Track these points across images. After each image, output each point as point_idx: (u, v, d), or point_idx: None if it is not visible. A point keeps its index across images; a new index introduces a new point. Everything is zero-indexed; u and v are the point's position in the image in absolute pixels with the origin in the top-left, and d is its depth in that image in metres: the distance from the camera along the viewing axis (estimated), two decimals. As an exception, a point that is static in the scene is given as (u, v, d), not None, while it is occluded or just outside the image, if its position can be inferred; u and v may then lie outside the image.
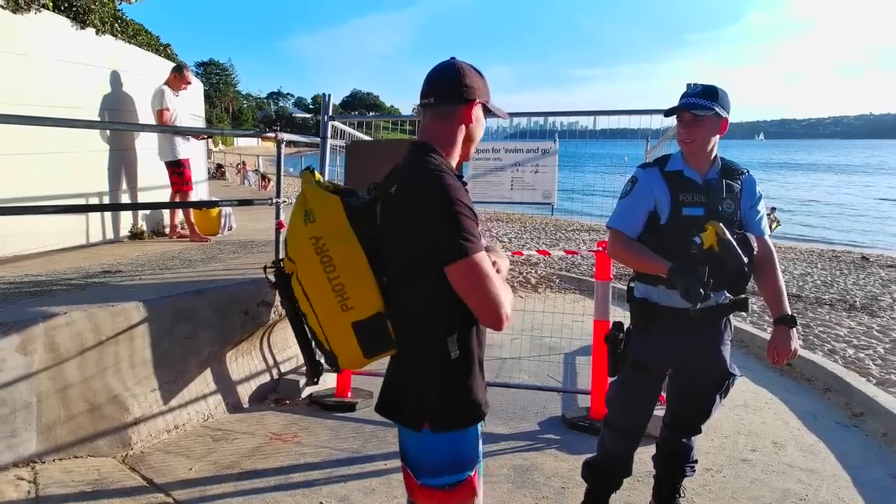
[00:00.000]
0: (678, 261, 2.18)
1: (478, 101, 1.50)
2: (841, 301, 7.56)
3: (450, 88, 1.47)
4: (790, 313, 2.34)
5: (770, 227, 2.72)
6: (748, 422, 3.81)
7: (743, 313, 2.51)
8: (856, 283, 8.97)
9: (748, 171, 2.43)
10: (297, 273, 1.43)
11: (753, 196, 2.39)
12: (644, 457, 2.79)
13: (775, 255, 2.42)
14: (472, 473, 1.45)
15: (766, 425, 3.79)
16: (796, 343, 2.33)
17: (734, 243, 2.13)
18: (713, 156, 2.37)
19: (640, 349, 2.45)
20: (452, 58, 1.54)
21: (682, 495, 2.70)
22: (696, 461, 2.66)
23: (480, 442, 1.51)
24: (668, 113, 2.39)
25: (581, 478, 2.71)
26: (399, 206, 1.38)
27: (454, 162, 1.52)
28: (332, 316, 1.40)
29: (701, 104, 2.26)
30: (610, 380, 2.64)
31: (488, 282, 1.32)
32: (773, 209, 19.34)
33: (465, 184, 1.51)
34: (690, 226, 2.23)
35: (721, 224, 2.15)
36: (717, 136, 2.34)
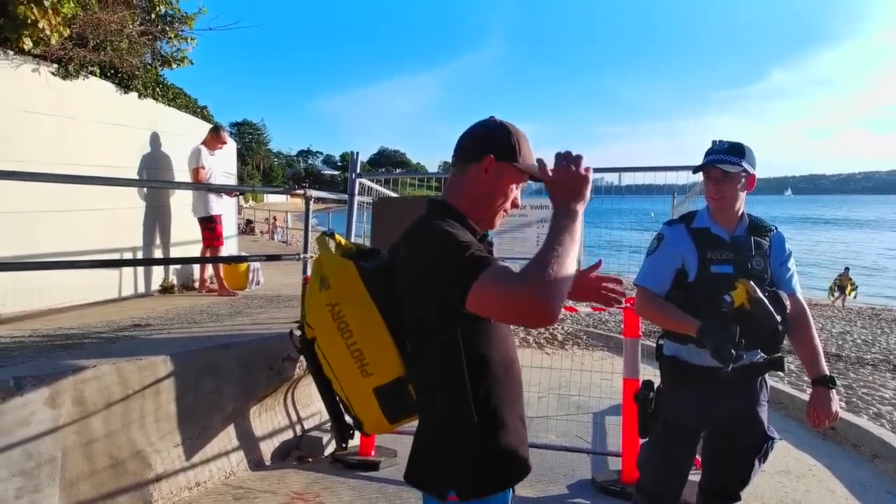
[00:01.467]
0: (708, 320, 2.13)
1: (491, 157, 1.40)
2: (884, 361, 7.25)
3: (466, 145, 1.46)
4: (828, 373, 2.26)
5: (845, 292, 2.66)
6: (791, 490, 3.60)
7: (780, 373, 2.42)
8: (898, 342, 8.61)
9: (777, 228, 2.40)
10: (317, 339, 1.42)
11: (783, 253, 2.35)
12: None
13: (809, 312, 2.36)
14: None
15: (812, 494, 3.57)
16: (836, 405, 2.24)
17: (765, 301, 2.08)
18: (741, 213, 2.36)
19: (672, 409, 2.37)
20: (491, 116, 1.50)
21: None
22: None
23: None
24: (696, 170, 2.38)
25: None
26: (405, 265, 1.35)
27: (478, 223, 1.45)
28: (352, 381, 1.37)
29: (730, 160, 2.26)
30: (641, 441, 2.54)
31: (509, 285, 1.15)
32: (847, 269, 18.54)
33: (486, 239, 1.48)
34: (719, 283, 2.19)
35: (751, 282, 2.10)
36: (745, 193, 2.33)
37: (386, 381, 1.35)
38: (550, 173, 1.32)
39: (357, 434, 4.07)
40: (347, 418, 1.50)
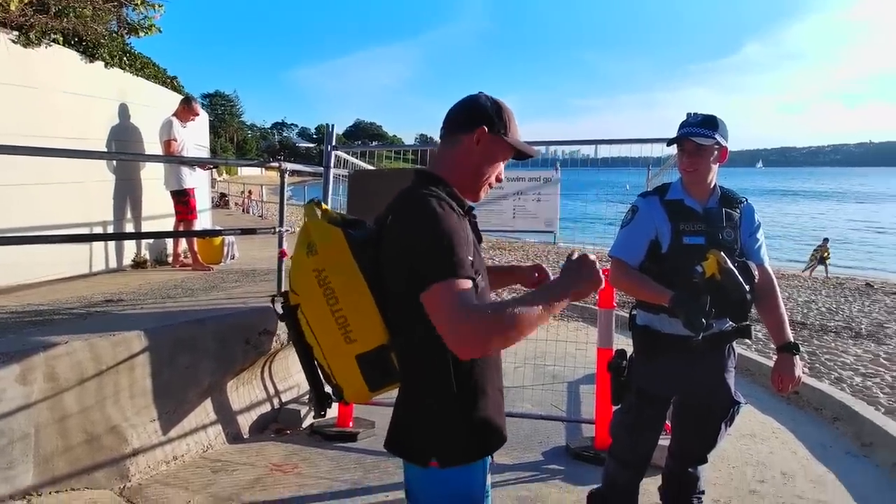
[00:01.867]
0: (680, 290, 2.19)
1: (484, 128, 1.44)
2: (846, 328, 7.50)
3: (457, 116, 1.49)
4: (793, 340, 2.34)
5: (824, 262, 2.73)
6: (756, 452, 3.74)
7: (747, 340, 2.51)
8: (861, 310, 8.91)
9: (747, 200, 2.46)
10: (301, 305, 1.42)
11: (753, 224, 2.41)
12: (650, 487, 2.75)
13: (776, 282, 2.43)
14: None
15: (775, 455, 3.72)
16: (800, 370, 2.32)
17: (735, 272, 2.13)
18: (713, 185, 2.40)
19: (644, 377, 2.44)
20: (480, 92, 1.53)
21: None
22: (702, 491, 2.61)
23: (489, 476, 1.47)
24: (670, 142, 2.42)
25: None
26: (391, 235, 1.36)
27: (464, 194, 1.49)
28: (335, 348, 1.38)
29: (703, 133, 2.29)
30: (614, 409, 2.61)
31: (445, 315, 1.21)
32: (826, 240, 18.68)
33: (471, 211, 1.50)
34: (692, 255, 2.24)
35: (722, 253, 2.15)
36: (717, 165, 2.36)
37: (369, 349, 1.35)
38: (576, 257, 1.36)
39: (335, 406, 4.11)
40: (327, 388, 1.51)
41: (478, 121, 1.45)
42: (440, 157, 1.50)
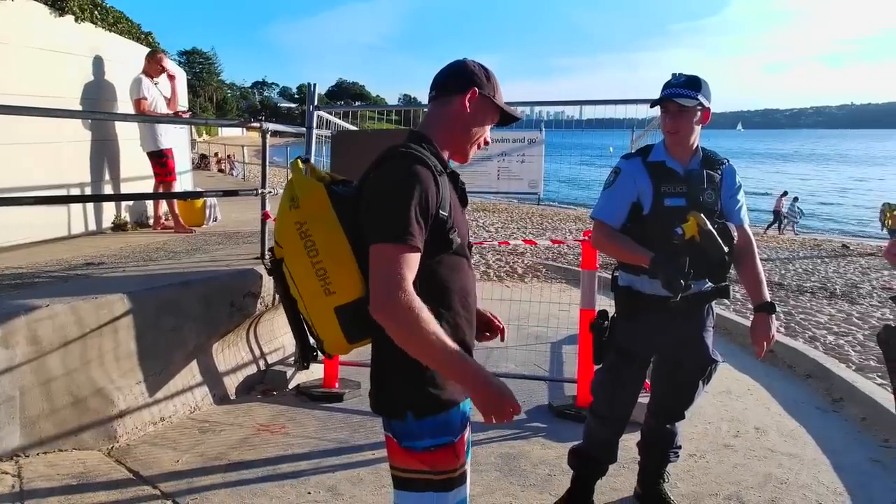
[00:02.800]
0: (660, 252, 2.22)
1: (476, 89, 1.49)
2: (822, 289, 7.68)
3: (448, 79, 1.54)
4: (769, 300, 2.39)
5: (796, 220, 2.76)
6: (731, 408, 3.87)
7: (725, 300, 2.57)
8: (836, 271, 9.12)
9: (728, 161, 2.47)
10: (285, 258, 1.46)
11: (734, 185, 2.44)
12: (629, 443, 2.83)
13: (754, 243, 2.47)
14: (456, 440, 1.46)
15: (749, 411, 3.85)
16: (774, 330, 2.38)
17: (715, 233, 2.17)
18: (695, 146, 2.40)
19: (625, 337, 2.49)
20: (464, 58, 1.58)
21: (667, 480, 2.75)
22: (679, 447, 2.71)
23: (469, 413, 1.52)
24: (653, 103, 2.42)
25: (567, 465, 2.74)
26: (370, 189, 1.40)
27: (447, 153, 1.54)
28: (315, 300, 1.41)
29: (686, 94, 2.28)
30: (595, 367, 2.67)
31: (391, 271, 1.29)
32: (796, 199, 19.14)
33: (452, 174, 1.52)
34: (672, 216, 2.26)
35: (702, 214, 2.18)
36: (700, 127, 2.37)
37: (347, 301, 1.38)
38: (488, 400, 1.39)
39: (321, 367, 4.14)
40: (312, 341, 1.54)
41: (470, 82, 1.50)
42: (430, 118, 1.54)
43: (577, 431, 3.42)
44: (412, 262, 1.32)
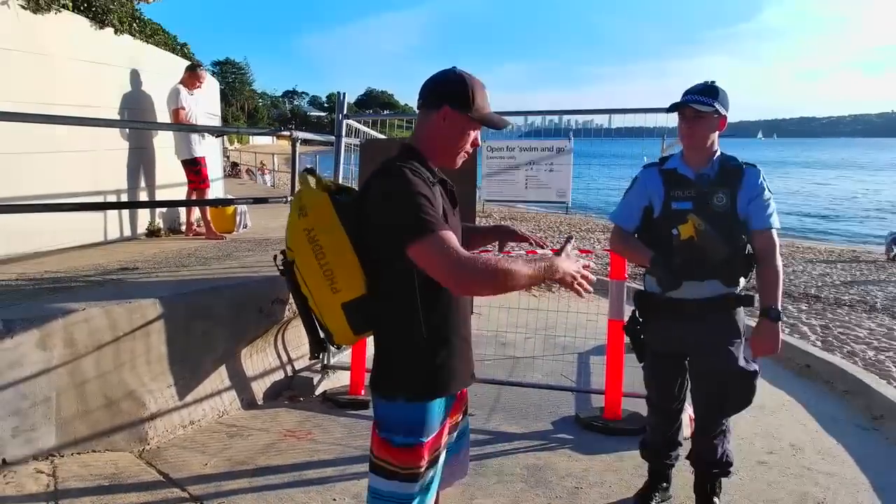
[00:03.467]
0: (657, 252, 2.41)
1: (447, 108, 1.57)
2: (861, 302, 7.44)
3: (427, 93, 1.63)
4: (773, 306, 2.37)
5: None
6: (765, 424, 3.76)
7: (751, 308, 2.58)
8: (876, 284, 8.82)
9: (752, 165, 2.48)
10: (296, 260, 1.60)
11: (754, 189, 2.42)
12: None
13: (777, 249, 2.44)
14: (425, 441, 1.57)
15: (784, 428, 3.74)
16: (775, 338, 2.37)
17: (713, 234, 2.29)
18: (712, 153, 2.46)
19: (647, 334, 2.64)
20: (453, 67, 1.65)
21: (717, 495, 2.70)
22: (725, 462, 2.64)
23: (444, 416, 1.63)
24: (669, 109, 2.50)
25: (593, 478, 2.77)
26: (370, 199, 1.53)
27: (435, 163, 1.64)
28: (324, 297, 1.56)
29: (702, 101, 2.36)
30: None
31: (443, 252, 1.41)
32: None
33: (446, 184, 1.65)
34: (679, 219, 2.40)
35: (696, 216, 2.31)
36: (717, 133, 2.43)
37: (352, 298, 1.54)
38: (570, 251, 1.62)
39: (347, 374, 4.17)
40: (322, 333, 1.69)
41: (443, 99, 1.59)
42: (417, 131, 1.67)
43: (604, 443, 3.38)
44: (449, 238, 1.43)
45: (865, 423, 3.85)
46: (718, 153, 2.47)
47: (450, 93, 1.59)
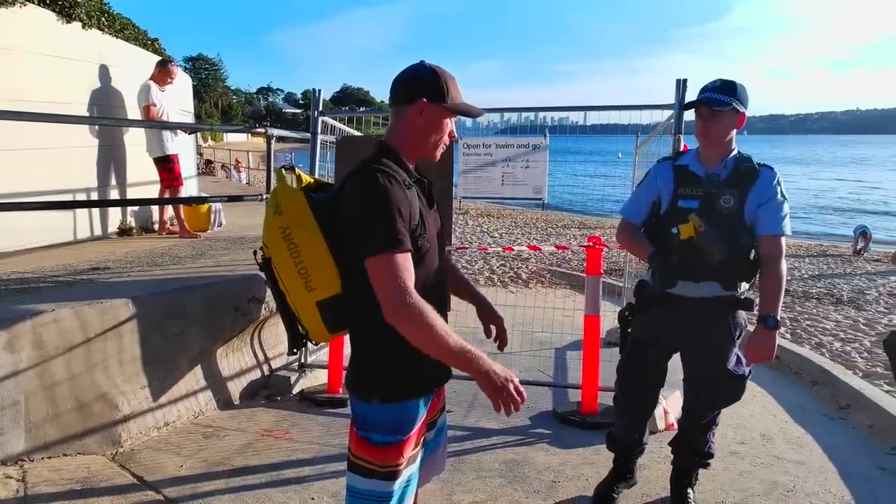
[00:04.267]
0: (657, 249, 2.42)
1: (423, 100, 1.56)
2: (828, 295, 7.64)
3: (400, 88, 1.61)
4: (771, 314, 2.32)
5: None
6: (737, 415, 3.84)
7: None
8: (842, 277, 9.07)
9: (770, 167, 2.42)
10: (272, 258, 1.60)
11: (766, 193, 2.36)
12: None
13: (782, 255, 2.38)
14: (404, 439, 1.57)
15: (755, 418, 3.83)
16: (771, 346, 2.33)
17: (712, 235, 2.26)
18: (728, 151, 2.42)
19: (637, 326, 2.65)
20: (421, 61, 1.63)
21: (692, 486, 2.75)
22: (709, 454, 2.70)
23: (422, 413, 1.62)
24: (686, 106, 2.51)
25: (571, 472, 2.79)
26: (344, 200, 1.52)
27: (412, 160, 1.63)
28: (299, 295, 1.56)
29: (719, 99, 2.31)
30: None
31: (394, 277, 1.41)
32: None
33: (419, 181, 1.62)
34: (683, 216, 2.36)
35: (698, 217, 2.28)
36: (735, 131, 2.40)
37: (326, 296, 1.54)
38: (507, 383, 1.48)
39: (324, 372, 4.15)
40: (301, 329, 1.68)
41: (418, 92, 1.57)
42: (391, 128, 1.65)
43: (581, 437, 3.42)
44: (408, 264, 1.44)
45: (832, 412, 3.96)
46: (735, 152, 2.41)
47: (424, 86, 1.58)
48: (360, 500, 1.57)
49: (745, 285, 2.46)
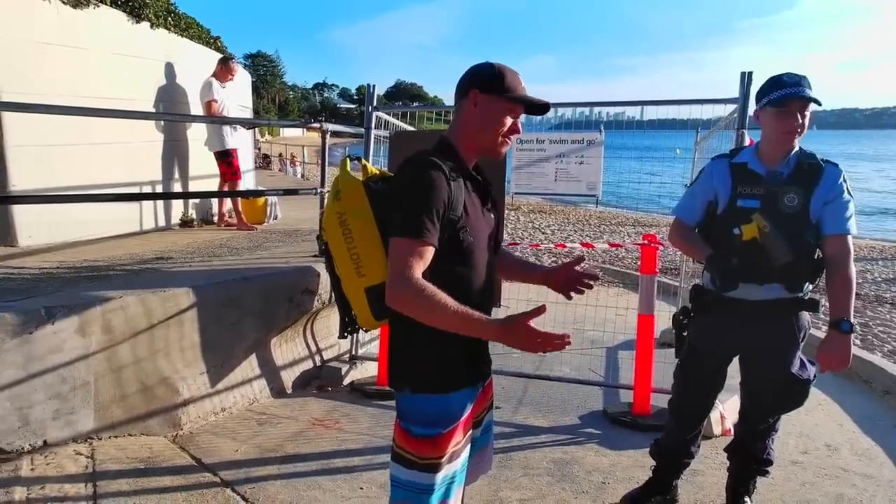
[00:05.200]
0: (717, 250, 2.30)
1: (475, 91, 1.57)
2: (903, 300, 7.19)
3: (458, 86, 1.64)
4: (845, 318, 2.20)
5: None
6: (800, 423, 3.66)
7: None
8: (919, 282, 8.52)
9: (836, 164, 2.30)
10: (328, 242, 1.65)
11: (832, 191, 2.24)
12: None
13: (850, 254, 2.26)
14: (445, 432, 1.56)
15: (820, 427, 3.64)
16: (846, 352, 2.21)
17: (776, 236, 2.16)
18: (792, 147, 2.29)
19: (693, 333, 2.54)
20: (484, 62, 1.64)
21: (749, 494, 2.65)
22: (768, 461, 2.60)
23: (465, 409, 1.61)
24: (772, 102, 2.24)
25: (621, 473, 2.72)
26: (391, 187, 1.58)
27: (470, 154, 1.63)
28: (350, 280, 1.60)
29: (809, 94, 2.19)
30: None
31: (402, 262, 1.43)
32: None
33: (478, 179, 1.63)
34: (743, 217, 2.26)
35: (762, 216, 2.18)
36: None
37: (375, 283, 1.56)
38: (523, 328, 1.42)
39: (375, 365, 4.20)
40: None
41: (470, 85, 1.59)
42: (452, 125, 1.67)
43: (632, 439, 3.35)
44: (423, 254, 1.45)
45: (906, 424, 3.73)
46: (797, 149, 2.30)
47: (477, 78, 1.59)
48: (402, 490, 1.59)
49: (809, 286, 2.35)
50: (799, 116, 2.22)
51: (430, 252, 1.46)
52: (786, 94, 2.20)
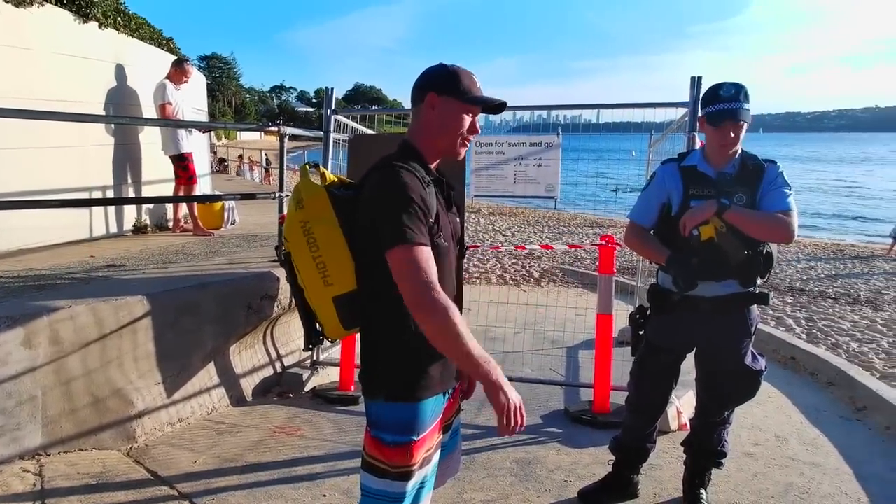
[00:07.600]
0: (676, 251, 2.39)
1: (432, 94, 1.57)
2: (845, 295, 7.54)
3: (414, 90, 1.64)
4: (726, 201, 2.30)
5: None
6: (751, 415, 3.80)
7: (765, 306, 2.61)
8: (860, 277, 8.95)
9: (774, 162, 2.45)
10: (291, 252, 1.61)
11: (773, 182, 2.39)
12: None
13: (787, 221, 2.31)
14: (417, 439, 1.56)
15: (769, 419, 3.79)
16: (707, 210, 2.30)
17: (733, 236, 2.28)
18: (736, 151, 2.43)
19: (652, 330, 2.63)
20: (438, 63, 1.65)
21: (705, 486, 2.75)
22: (723, 453, 2.71)
23: (435, 415, 1.61)
24: (709, 119, 2.36)
25: (583, 471, 2.78)
26: (364, 195, 1.54)
27: (432, 157, 1.63)
28: (317, 290, 1.57)
29: (745, 109, 2.32)
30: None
31: (418, 271, 1.41)
32: None
33: (438, 180, 1.61)
34: None
35: (716, 217, 2.28)
36: None
37: (343, 292, 1.55)
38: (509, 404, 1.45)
39: (336, 370, 4.16)
40: (318, 326, 1.69)
41: (426, 88, 1.59)
42: (411, 128, 1.67)
43: (593, 437, 3.41)
44: (428, 258, 1.44)
45: (849, 414, 3.91)
46: (740, 151, 2.44)
47: (433, 80, 1.59)
48: (373, 500, 1.57)
49: (759, 281, 2.49)
50: (731, 133, 2.34)
51: (429, 252, 1.45)
52: (718, 111, 2.32)
